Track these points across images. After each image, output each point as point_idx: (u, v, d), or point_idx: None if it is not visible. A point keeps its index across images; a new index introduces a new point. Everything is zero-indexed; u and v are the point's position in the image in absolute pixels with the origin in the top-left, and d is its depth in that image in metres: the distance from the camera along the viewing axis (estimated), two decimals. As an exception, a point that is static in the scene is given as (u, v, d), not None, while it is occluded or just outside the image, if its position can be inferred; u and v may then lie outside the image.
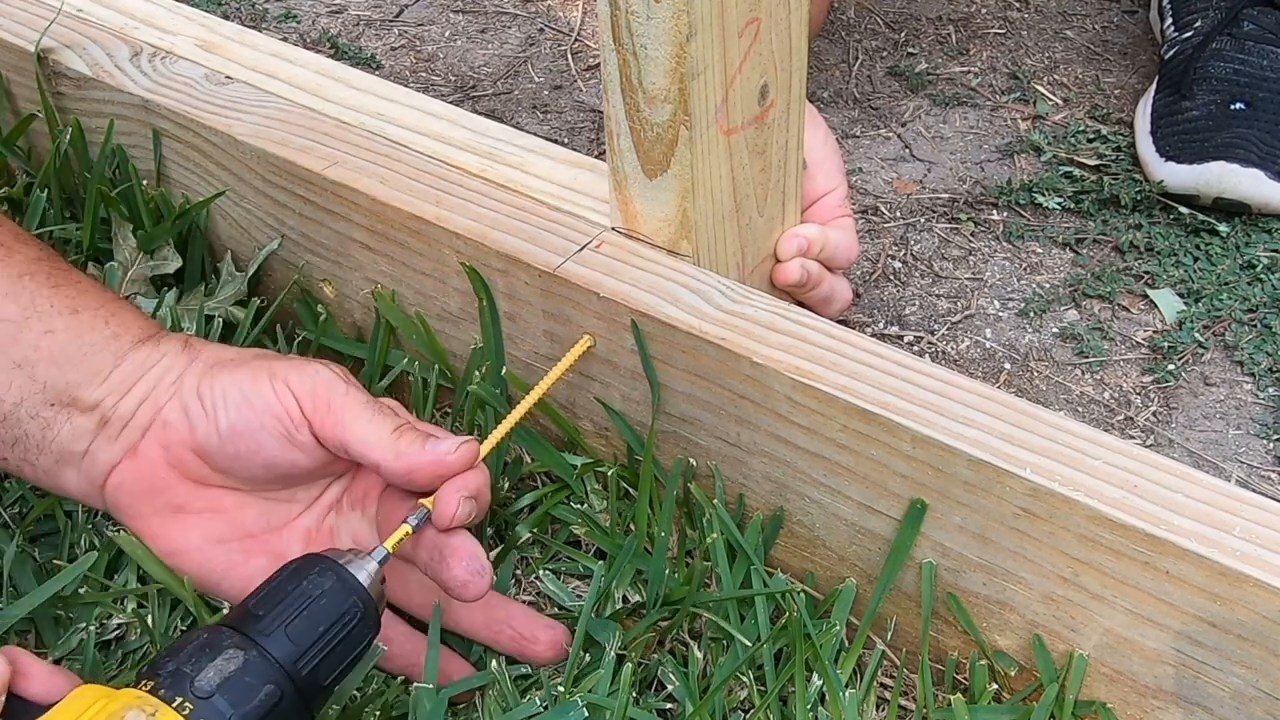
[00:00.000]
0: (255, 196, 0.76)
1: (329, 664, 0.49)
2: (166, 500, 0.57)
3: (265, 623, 0.48)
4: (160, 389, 0.57)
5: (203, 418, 0.55)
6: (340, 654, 0.49)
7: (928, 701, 0.56)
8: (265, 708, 0.46)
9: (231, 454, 0.56)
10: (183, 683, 0.45)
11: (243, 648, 0.47)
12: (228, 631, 0.48)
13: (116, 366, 0.57)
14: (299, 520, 0.59)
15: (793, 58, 0.60)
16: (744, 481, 0.61)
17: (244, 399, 0.55)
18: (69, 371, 0.56)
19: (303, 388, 0.55)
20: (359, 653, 0.51)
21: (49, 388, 0.56)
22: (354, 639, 0.50)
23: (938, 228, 0.90)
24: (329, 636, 0.49)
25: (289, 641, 0.48)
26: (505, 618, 0.59)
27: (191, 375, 0.57)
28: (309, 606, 0.49)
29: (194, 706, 0.44)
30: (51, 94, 0.84)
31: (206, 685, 0.45)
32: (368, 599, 0.50)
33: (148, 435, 0.57)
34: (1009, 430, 0.53)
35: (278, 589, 0.49)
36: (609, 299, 0.60)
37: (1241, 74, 0.92)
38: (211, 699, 0.45)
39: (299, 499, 0.59)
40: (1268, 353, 0.79)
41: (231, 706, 0.45)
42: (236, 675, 0.46)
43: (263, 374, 0.56)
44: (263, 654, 0.47)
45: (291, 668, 0.47)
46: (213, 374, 0.56)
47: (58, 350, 0.57)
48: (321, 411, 0.55)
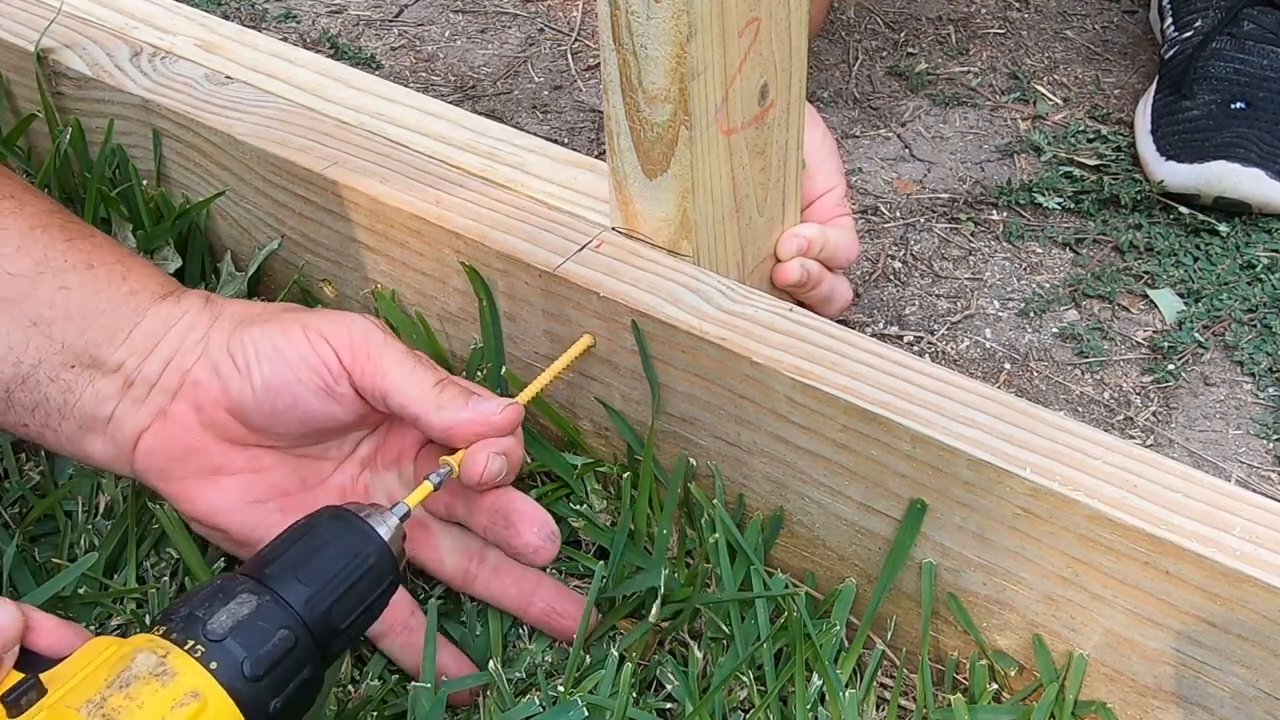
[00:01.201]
0: (255, 196, 0.76)
1: (344, 609, 0.48)
2: (201, 463, 0.56)
3: (278, 568, 0.48)
4: (185, 348, 0.55)
5: (235, 375, 0.54)
6: (356, 601, 0.49)
7: (928, 701, 0.56)
8: (279, 651, 0.46)
9: (269, 411, 0.54)
10: (195, 626, 0.45)
11: (256, 593, 0.47)
12: (241, 578, 0.47)
13: (136, 325, 0.56)
14: (333, 478, 0.59)
15: (793, 58, 0.60)
16: (744, 481, 0.61)
17: (278, 353, 0.54)
18: (87, 330, 0.55)
19: (340, 339, 0.54)
20: (376, 601, 0.50)
21: (67, 348, 0.55)
22: (370, 587, 0.49)
23: (938, 228, 0.90)
24: (344, 583, 0.48)
25: (302, 586, 0.47)
26: (535, 589, 0.58)
27: (218, 332, 0.55)
28: (322, 553, 0.48)
29: (206, 649, 0.44)
30: (51, 94, 0.84)
31: (219, 629, 0.45)
32: (384, 549, 0.50)
33: (178, 397, 0.55)
34: (1009, 430, 0.53)
35: (292, 538, 0.49)
36: (609, 299, 0.60)
37: (1242, 73, 0.92)
38: (223, 642, 0.45)
39: (331, 456, 0.59)
40: (1268, 353, 0.79)
41: (244, 649, 0.45)
42: (249, 619, 0.46)
43: (295, 326, 0.54)
44: (276, 599, 0.47)
45: (306, 613, 0.47)
46: (241, 330, 0.55)
47: (74, 307, 0.55)
48: (361, 361, 0.54)
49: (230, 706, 0.44)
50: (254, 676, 0.45)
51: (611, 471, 0.66)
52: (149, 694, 0.42)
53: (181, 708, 0.43)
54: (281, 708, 0.46)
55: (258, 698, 0.45)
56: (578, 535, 0.65)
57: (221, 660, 0.44)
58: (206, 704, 0.43)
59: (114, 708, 0.42)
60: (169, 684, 0.43)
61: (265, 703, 0.45)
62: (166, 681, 0.43)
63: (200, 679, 0.44)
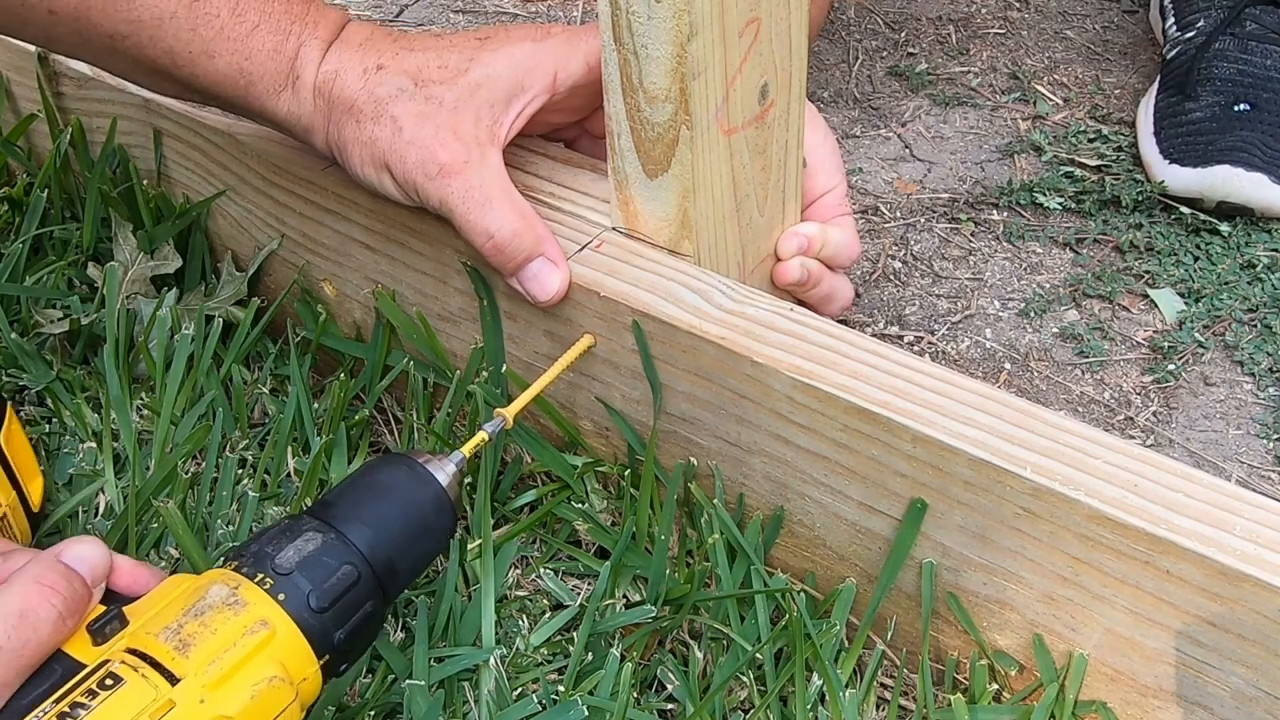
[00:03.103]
0: (256, 196, 0.76)
1: (405, 551, 0.51)
2: None
3: (342, 510, 0.50)
4: None
5: None
6: (417, 543, 0.51)
7: (928, 701, 0.56)
8: (343, 585, 0.48)
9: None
10: (264, 562, 0.48)
11: (321, 531, 0.49)
12: (307, 519, 0.50)
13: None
14: None
15: (793, 58, 0.60)
16: (744, 481, 0.61)
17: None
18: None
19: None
20: (436, 544, 0.53)
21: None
22: (431, 530, 0.52)
23: (938, 228, 0.90)
24: (405, 525, 0.51)
25: (365, 527, 0.50)
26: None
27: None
28: (386, 497, 0.51)
29: (274, 582, 0.47)
30: (52, 94, 0.85)
31: (286, 563, 0.48)
32: (443, 493, 0.53)
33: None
34: (1009, 430, 0.53)
35: (356, 482, 0.52)
36: (609, 299, 0.60)
37: (1245, 74, 0.92)
38: (291, 575, 0.47)
39: None
40: (1268, 353, 0.79)
41: (310, 583, 0.47)
42: (314, 554, 0.48)
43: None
44: (340, 537, 0.49)
45: (369, 552, 0.49)
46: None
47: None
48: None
49: (297, 635, 0.47)
50: (319, 608, 0.47)
51: (612, 471, 0.66)
52: (221, 621, 0.45)
53: (252, 635, 0.46)
54: (345, 638, 0.48)
55: (323, 628, 0.47)
56: (579, 535, 0.65)
57: (289, 592, 0.47)
58: (275, 632, 0.46)
59: (190, 633, 0.45)
60: (240, 613, 0.46)
61: (330, 633, 0.48)
62: (238, 611, 0.46)
63: (269, 609, 0.47)
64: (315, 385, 0.76)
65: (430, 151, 0.59)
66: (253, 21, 0.60)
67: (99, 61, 0.64)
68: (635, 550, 0.62)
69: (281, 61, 0.61)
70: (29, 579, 0.45)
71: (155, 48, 0.60)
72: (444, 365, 0.70)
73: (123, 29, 0.60)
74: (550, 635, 0.60)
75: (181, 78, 0.62)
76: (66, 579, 0.46)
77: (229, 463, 0.67)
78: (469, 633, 0.59)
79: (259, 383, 0.74)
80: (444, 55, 0.61)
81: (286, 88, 0.61)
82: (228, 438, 0.71)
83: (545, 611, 0.62)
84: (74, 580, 0.46)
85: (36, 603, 0.44)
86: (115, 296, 0.75)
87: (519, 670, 0.59)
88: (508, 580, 0.63)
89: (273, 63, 0.61)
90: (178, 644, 0.45)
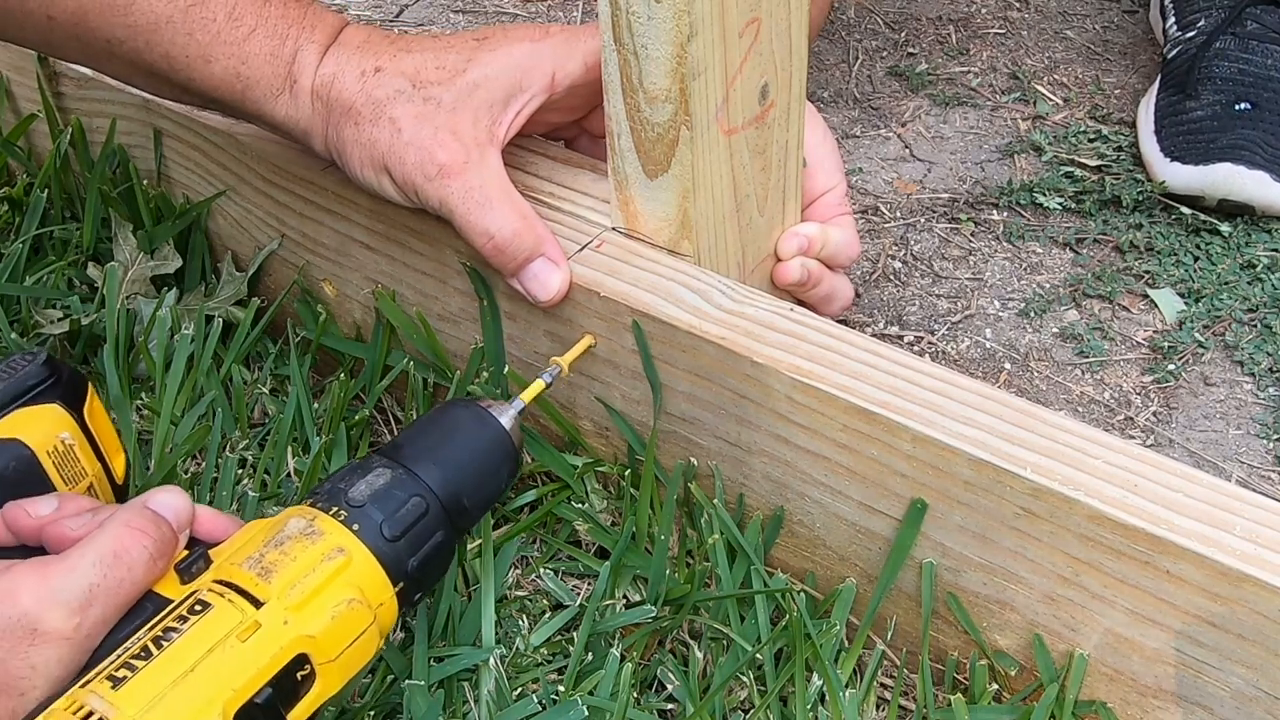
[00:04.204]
0: (256, 196, 0.76)
1: (471, 487, 0.53)
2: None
3: (410, 450, 0.53)
4: None
5: None
6: (480, 478, 0.54)
7: (928, 701, 0.56)
8: (412, 515, 0.51)
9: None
10: (338, 496, 0.50)
11: (389, 468, 0.52)
12: (376, 457, 0.53)
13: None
14: None
15: (793, 58, 0.60)
16: (744, 481, 0.61)
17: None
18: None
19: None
20: (500, 484, 0.55)
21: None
22: (495, 470, 0.55)
23: (938, 228, 0.90)
24: (469, 462, 0.53)
25: (433, 464, 0.52)
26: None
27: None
28: (451, 437, 0.54)
29: (348, 514, 0.50)
30: (52, 94, 0.85)
31: (358, 496, 0.50)
32: (505, 435, 0.55)
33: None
34: (1009, 430, 0.53)
35: (423, 425, 0.54)
36: (609, 299, 0.60)
37: (1246, 74, 0.92)
38: (363, 507, 0.50)
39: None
40: (1268, 353, 0.79)
41: (381, 513, 0.50)
42: (385, 488, 0.51)
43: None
44: (409, 472, 0.52)
45: (437, 486, 0.52)
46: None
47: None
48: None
49: (371, 561, 0.49)
50: (392, 537, 0.50)
51: (612, 471, 0.66)
52: (300, 550, 0.48)
53: (329, 560, 0.48)
54: (418, 566, 0.51)
55: (396, 555, 0.50)
56: (579, 535, 0.65)
57: (362, 523, 0.50)
58: (351, 558, 0.49)
59: (271, 561, 0.48)
60: (318, 541, 0.49)
61: (404, 560, 0.50)
62: (315, 540, 0.49)
63: (345, 538, 0.49)
64: (315, 385, 0.76)
65: (429, 152, 0.59)
66: (249, 26, 0.60)
67: (98, 66, 0.64)
68: (635, 550, 0.62)
69: (279, 65, 0.61)
70: (119, 523, 0.47)
71: (152, 52, 0.61)
72: (444, 365, 0.70)
73: (119, 34, 0.60)
74: (550, 635, 0.60)
75: (179, 81, 0.62)
76: (155, 523, 0.48)
77: (229, 463, 0.67)
78: (469, 632, 0.59)
79: (259, 383, 0.74)
80: (442, 56, 0.61)
81: (284, 91, 0.61)
82: (228, 438, 0.71)
83: (545, 611, 0.62)
84: (161, 524, 0.48)
85: (129, 543, 0.47)
86: (115, 297, 0.75)
87: (519, 670, 0.59)
88: (508, 580, 0.63)
89: (270, 67, 0.61)
90: (260, 571, 0.47)
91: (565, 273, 0.61)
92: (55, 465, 0.57)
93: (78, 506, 0.50)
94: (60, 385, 0.58)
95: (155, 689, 0.43)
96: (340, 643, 0.48)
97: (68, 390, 0.58)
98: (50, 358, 0.59)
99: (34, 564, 0.45)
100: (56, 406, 0.58)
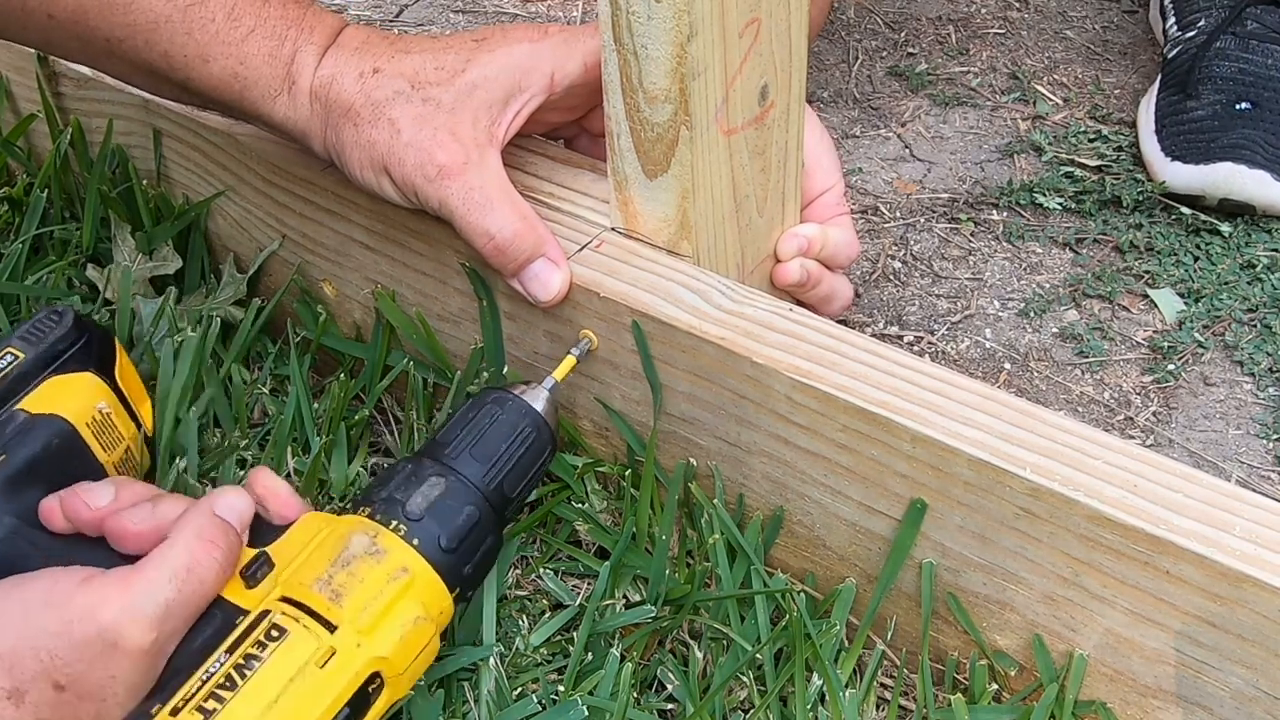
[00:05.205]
0: (256, 196, 0.76)
1: (514, 478, 0.55)
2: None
3: (455, 449, 0.55)
4: None
5: None
6: (523, 469, 0.56)
7: (928, 701, 0.56)
8: (468, 525, 0.53)
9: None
10: (395, 508, 0.52)
11: (443, 475, 0.53)
12: (427, 462, 0.54)
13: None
14: None
15: (793, 58, 0.60)
16: (744, 481, 0.61)
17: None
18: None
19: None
20: (540, 467, 0.57)
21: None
22: (533, 455, 0.57)
23: (938, 228, 0.90)
24: (511, 454, 0.55)
25: (477, 463, 0.54)
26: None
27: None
28: (490, 429, 0.56)
29: (408, 528, 0.51)
30: (52, 94, 0.85)
31: (416, 510, 0.52)
32: (540, 419, 0.57)
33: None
34: (1009, 430, 0.53)
35: (461, 419, 0.56)
36: (609, 299, 0.60)
37: (1246, 73, 0.92)
38: (422, 521, 0.52)
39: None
40: (1268, 353, 0.79)
41: (439, 526, 0.52)
42: (441, 499, 0.53)
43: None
44: (460, 478, 0.54)
45: (483, 485, 0.54)
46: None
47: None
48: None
49: (433, 576, 0.51)
50: (449, 549, 0.52)
51: (612, 471, 0.66)
52: (367, 570, 0.50)
53: (395, 580, 0.50)
54: (472, 572, 0.53)
55: (453, 566, 0.52)
56: (579, 535, 0.65)
57: (422, 537, 0.51)
58: (415, 576, 0.51)
59: (340, 584, 0.49)
60: (382, 561, 0.50)
61: (459, 569, 0.52)
62: (380, 559, 0.50)
63: (407, 555, 0.51)
64: (315, 385, 0.76)
65: (429, 153, 0.59)
66: (248, 26, 0.60)
67: (98, 65, 0.64)
68: (635, 550, 0.62)
69: (277, 66, 0.61)
70: (191, 535, 0.49)
71: (151, 51, 0.61)
72: (444, 365, 0.70)
73: (119, 33, 0.60)
74: (550, 635, 0.60)
75: (178, 81, 0.62)
76: (224, 531, 0.49)
77: (229, 463, 0.67)
78: (469, 632, 0.59)
79: (259, 383, 0.74)
80: (440, 57, 0.61)
81: (283, 92, 0.61)
82: (228, 438, 0.70)
83: (545, 611, 0.62)
84: (229, 532, 0.50)
85: (201, 556, 0.48)
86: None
87: (519, 670, 0.59)
88: (507, 580, 0.63)
89: (268, 67, 0.61)
90: (330, 594, 0.49)
91: (565, 273, 0.61)
92: (94, 435, 0.57)
93: (134, 495, 0.52)
94: (92, 348, 0.59)
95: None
96: (408, 657, 0.50)
97: (99, 353, 0.59)
98: (78, 315, 0.59)
99: (114, 578, 0.47)
100: (91, 375, 0.58)
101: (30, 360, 0.57)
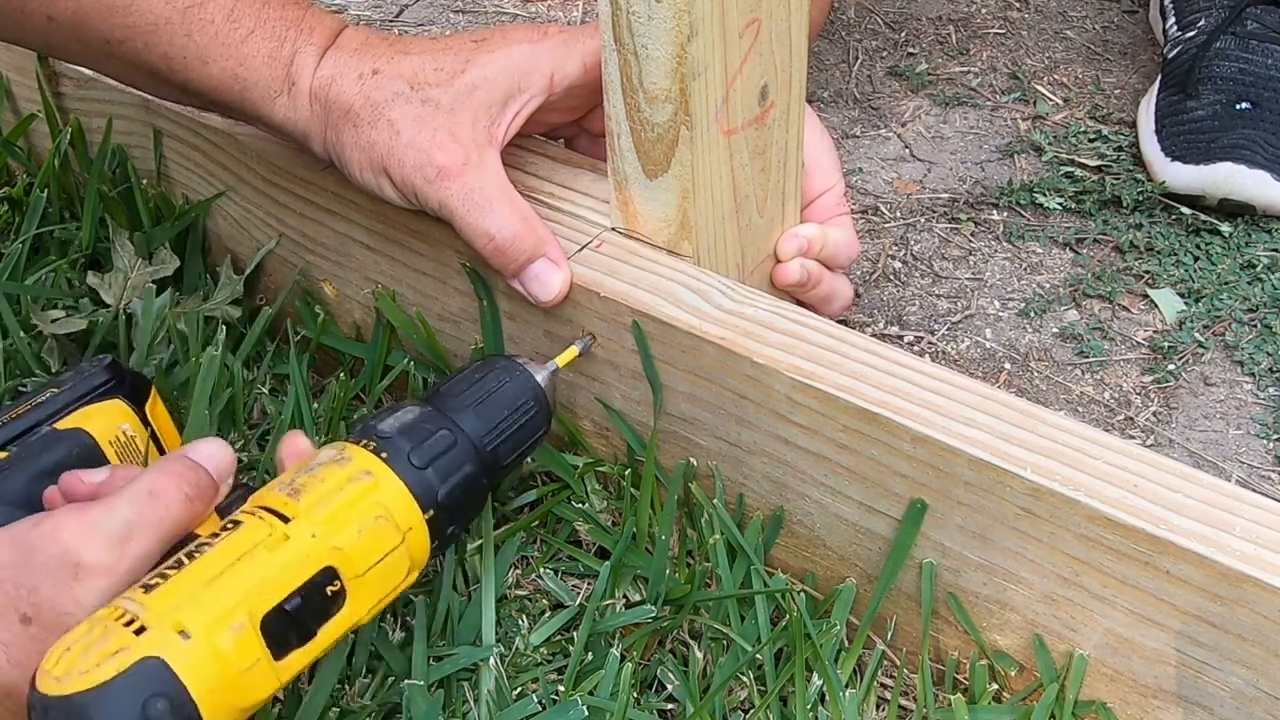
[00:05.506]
0: (256, 196, 0.76)
1: (509, 446, 0.56)
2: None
3: (444, 393, 0.56)
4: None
5: None
6: (518, 439, 0.56)
7: (928, 701, 0.56)
8: (440, 446, 0.53)
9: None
10: (368, 431, 0.53)
11: (419, 405, 0.54)
12: (410, 400, 0.55)
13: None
14: None
15: (793, 58, 0.60)
16: (744, 481, 0.61)
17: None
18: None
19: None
20: (533, 442, 0.58)
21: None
22: (530, 427, 0.57)
23: (938, 228, 0.90)
24: (510, 421, 0.56)
25: (478, 420, 0.55)
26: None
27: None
28: (497, 392, 0.56)
29: (376, 444, 0.52)
30: (52, 94, 0.85)
31: (387, 429, 0.53)
32: (542, 395, 0.58)
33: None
34: (1009, 430, 0.53)
35: (469, 376, 0.57)
36: (609, 299, 0.60)
37: (1246, 73, 0.92)
38: (391, 438, 0.52)
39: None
40: (1268, 353, 0.79)
41: (409, 442, 0.52)
42: (413, 421, 0.53)
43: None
44: (437, 410, 0.54)
45: (480, 445, 0.55)
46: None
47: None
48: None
49: (399, 485, 0.51)
50: (419, 465, 0.52)
51: (612, 471, 0.66)
52: (328, 473, 0.51)
53: (356, 481, 0.50)
54: (448, 494, 0.53)
55: (424, 482, 0.52)
56: (579, 535, 0.65)
57: (390, 451, 0.52)
58: (378, 480, 0.51)
59: (300, 484, 0.50)
60: (345, 466, 0.51)
61: (433, 488, 0.52)
62: (343, 464, 0.51)
63: (371, 462, 0.51)
64: (315, 385, 0.76)
65: (428, 154, 0.59)
66: (248, 28, 0.60)
67: (98, 66, 0.64)
68: (635, 550, 0.62)
69: (277, 67, 0.61)
70: (155, 469, 0.50)
71: (151, 53, 0.61)
72: (444, 365, 0.70)
73: (118, 34, 0.60)
74: (550, 635, 0.60)
75: (178, 82, 0.62)
76: (191, 469, 0.50)
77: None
78: (468, 632, 0.59)
79: (259, 383, 0.74)
80: (440, 58, 0.61)
81: (282, 93, 0.61)
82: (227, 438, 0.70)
83: (545, 611, 0.62)
84: (199, 470, 0.50)
85: (165, 483, 0.49)
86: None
87: (519, 670, 0.59)
88: (507, 580, 0.63)
89: (268, 69, 0.61)
90: (290, 492, 0.49)
91: (566, 273, 0.61)
92: (117, 453, 0.59)
93: (128, 475, 0.52)
94: (123, 385, 0.61)
95: (185, 592, 0.45)
96: (368, 559, 0.49)
97: (130, 389, 0.61)
98: (114, 361, 0.62)
99: (74, 507, 0.48)
100: (119, 401, 0.61)
101: (66, 394, 0.60)
